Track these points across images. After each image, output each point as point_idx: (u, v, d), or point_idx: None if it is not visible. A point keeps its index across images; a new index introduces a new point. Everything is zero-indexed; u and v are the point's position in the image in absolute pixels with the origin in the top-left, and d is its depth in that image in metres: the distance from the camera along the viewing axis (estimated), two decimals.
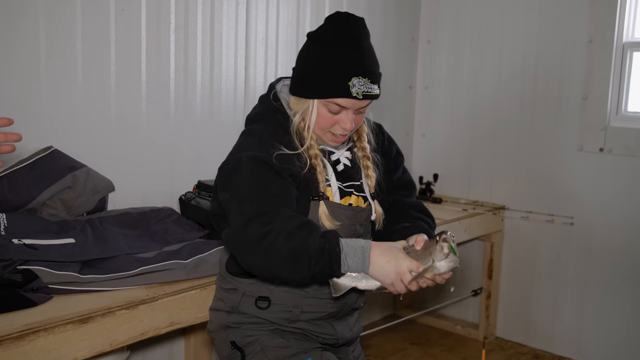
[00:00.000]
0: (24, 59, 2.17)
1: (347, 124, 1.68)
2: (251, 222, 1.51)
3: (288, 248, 1.48)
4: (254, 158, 1.61)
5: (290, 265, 1.49)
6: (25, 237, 1.92)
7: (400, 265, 1.50)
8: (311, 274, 1.49)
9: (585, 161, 3.34)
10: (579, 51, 3.32)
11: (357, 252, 1.50)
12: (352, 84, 1.63)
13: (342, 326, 1.83)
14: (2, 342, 1.50)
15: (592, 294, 3.37)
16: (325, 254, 1.48)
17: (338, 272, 1.50)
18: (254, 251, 1.51)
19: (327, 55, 1.66)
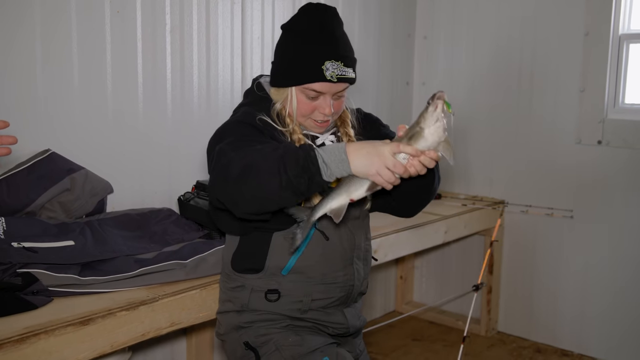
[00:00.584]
0: (20, 63, 2.17)
1: (325, 109, 1.70)
2: (232, 161, 1.52)
3: (263, 161, 1.47)
4: (239, 121, 1.70)
5: (267, 176, 1.45)
6: (25, 240, 1.92)
7: (380, 151, 1.45)
8: (289, 180, 1.44)
9: (583, 154, 3.35)
10: (576, 44, 3.32)
11: (332, 150, 1.47)
12: (326, 67, 1.67)
13: (352, 314, 1.84)
14: (3, 345, 1.50)
15: (593, 287, 3.37)
16: (301, 158, 1.46)
17: (317, 174, 1.46)
18: (228, 176, 1.51)
19: (301, 43, 1.71)
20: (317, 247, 1.74)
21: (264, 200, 1.50)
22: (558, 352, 3.47)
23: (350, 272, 1.78)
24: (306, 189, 1.47)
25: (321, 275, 1.75)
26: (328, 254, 1.75)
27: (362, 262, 1.84)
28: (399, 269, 4.06)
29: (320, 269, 1.74)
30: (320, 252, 1.74)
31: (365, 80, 3.63)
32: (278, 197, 1.48)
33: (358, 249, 1.81)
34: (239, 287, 1.79)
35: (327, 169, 1.46)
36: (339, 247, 1.76)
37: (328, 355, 1.70)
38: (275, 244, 1.73)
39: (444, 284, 3.99)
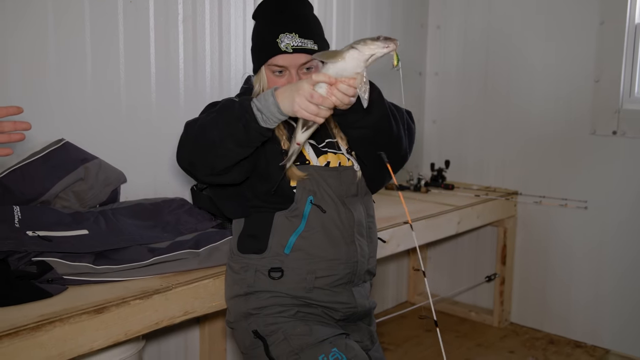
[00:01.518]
0: (33, 54, 2.18)
1: (292, 82, 1.72)
2: (187, 128, 1.68)
3: (207, 119, 1.60)
4: (211, 102, 1.82)
5: (209, 131, 1.57)
6: (40, 229, 1.93)
7: (299, 85, 1.49)
8: (228, 130, 1.53)
9: (598, 144, 3.32)
10: (591, 33, 3.28)
11: (264, 96, 1.52)
12: (280, 39, 1.72)
13: (360, 293, 1.85)
14: (19, 332, 1.52)
15: (607, 278, 3.35)
16: (236, 108, 1.54)
17: (253, 121, 1.51)
18: (183, 141, 1.67)
19: (260, 25, 1.80)
20: (316, 223, 1.76)
21: (212, 155, 1.59)
22: (571, 344, 3.45)
23: (353, 249, 1.80)
24: (245, 137, 1.54)
25: (323, 252, 1.76)
26: (328, 230, 1.76)
27: (366, 239, 1.85)
28: (411, 260, 4.06)
29: (322, 245, 1.76)
30: (319, 229, 1.76)
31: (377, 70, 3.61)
32: (223, 149, 1.57)
33: (359, 225, 1.82)
34: (244, 267, 1.81)
35: (262, 115, 1.51)
36: (338, 223, 1.77)
37: (337, 346, 1.71)
38: (277, 223, 1.77)
39: (456, 275, 3.98)
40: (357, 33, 3.38)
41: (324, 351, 1.68)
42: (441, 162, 3.83)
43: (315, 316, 1.78)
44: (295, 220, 1.75)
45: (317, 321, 1.78)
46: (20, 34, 2.13)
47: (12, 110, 1.47)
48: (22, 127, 1.49)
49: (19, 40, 2.13)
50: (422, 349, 3.39)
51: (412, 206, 3.17)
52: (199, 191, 2.45)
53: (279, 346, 1.72)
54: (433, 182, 3.70)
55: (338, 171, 1.80)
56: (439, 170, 3.75)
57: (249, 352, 1.80)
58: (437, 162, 3.85)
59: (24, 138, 1.50)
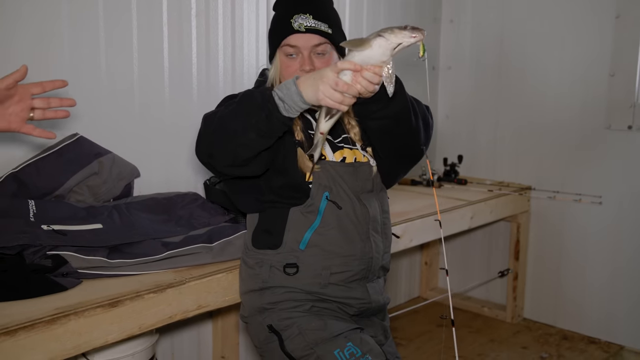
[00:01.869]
0: (48, 49, 2.18)
1: (305, 65, 1.73)
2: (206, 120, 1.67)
3: (228, 111, 1.59)
4: (228, 95, 1.82)
5: (231, 122, 1.56)
6: (54, 223, 1.94)
7: (322, 73, 1.47)
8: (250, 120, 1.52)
9: (613, 139, 3.29)
10: (607, 27, 3.25)
11: (286, 85, 1.51)
12: (294, 20, 1.73)
13: (374, 289, 1.84)
14: (35, 325, 1.53)
15: (622, 273, 3.32)
16: (258, 98, 1.53)
17: (275, 110, 1.50)
18: (202, 134, 1.65)
19: (277, 11, 1.83)
20: (332, 219, 1.75)
21: (233, 145, 1.57)
22: (585, 340, 3.44)
23: (369, 245, 1.79)
24: (267, 127, 1.52)
25: (338, 248, 1.76)
26: (343, 226, 1.76)
27: (381, 235, 1.84)
28: (423, 255, 4.05)
29: (337, 241, 1.76)
30: (335, 225, 1.75)
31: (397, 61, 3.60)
32: (245, 139, 1.55)
33: (374, 222, 1.81)
34: (258, 263, 1.81)
35: (284, 104, 1.50)
36: (354, 219, 1.77)
37: (352, 340, 1.71)
38: (293, 218, 1.76)
39: (469, 270, 3.96)
40: (369, 26, 3.37)
41: (339, 345, 1.68)
42: (454, 157, 3.82)
43: (330, 311, 1.78)
44: (310, 216, 1.75)
45: (331, 316, 1.77)
46: (34, 29, 2.14)
47: (58, 84, 1.47)
48: (68, 103, 1.50)
49: (33, 36, 2.14)
50: (434, 344, 3.38)
51: (425, 201, 3.15)
52: (212, 186, 2.46)
53: (293, 341, 1.72)
54: (446, 177, 3.69)
55: (354, 167, 1.79)
56: (451, 165, 3.73)
57: (264, 346, 1.80)
58: (450, 157, 3.84)
59: (69, 115, 1.50)
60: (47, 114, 1.47)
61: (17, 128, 1.45)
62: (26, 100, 1.44)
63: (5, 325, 1.49)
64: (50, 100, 1.47)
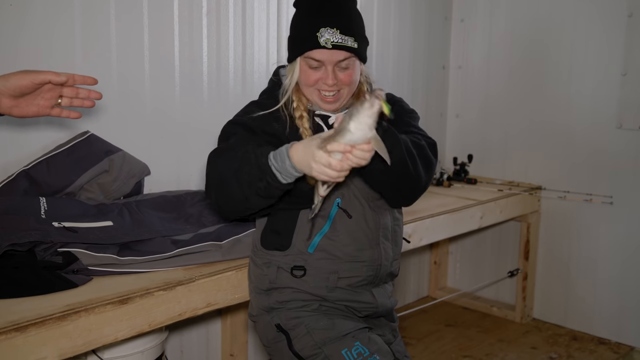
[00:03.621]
0: (60, 46, 2.20)
1: (327, 79, 1.69)
2: (212, 171, 1.64)
3: (229, 172, 1.56)
4: (233, 122, 1.75)
5: (233, 187, 1.54)
6: (65, 220, 1.95)
7: (314, 154, 1.40)
8: (250, 189, 1.51)
9: (624, 139, 3.27)
10: (619, 25, 3.23)
11: (280, 156, 1.48)
12: (320, 34, 1.66)
13: (380, 293, 1.83)
14: (45, 322, 1.54)
15: (632, 274, 3.30)
16: (255, 169, 1.50)
17: (274, 180, 1.48)
18: (213, 188, 1.62)
19: (302, 16, 1.74)
20: (341, 225, 1.74)
21: (237, 206, 1.60)
22: (595, 340, 3.42)
23: (378, 252, 1.78)
24: (268, 193, 1.52)
25: (347, 253, 1.75)
26: (353, 232, 1.75)
27: (391, 243, 1.83)
28: (433, 254, 4.04)
29: (346, 247, 1.74)
30: (344, 231, 1.74)
31: (401, 63, 3.60)
32: (247, 203, 1.57)
33: (384, 229, 1.80)
34: (267, 263, 1.80)
35: (281, 174, 1.48)
36: (364, 226, 1.75)
37: (360, 340, 1.70)
38: (302, 221, 1.74)
39: (478, 270, 3.95)
40: (380, 26, 3.37)
41: (347, 345, 1.68)
42: (464, 157, 3.80)
43: (338, 310, 1.78)
44: (320, 220, 1.73)
45: (339, 315, 1.77)
46: (47, 26, 2.15)
47: (89, 80, 1.53)
48: (95, 95, 1.56)
49: (46, 33, 2.15)
50: (443, 344, 3.38)
51: (434, 200, 3.15)
52: None
53: (301, 340, 1.72)
54: (456, 176, 3.68)
55: None
56: (461, 165, 3.72)
57: (272, 345, 1.80)
58: (460, 157, 3.83)
59: (94, 105, 1.57)
60: (75, 102, 1.54)
61: (46, 112, 1.52)
62: (56, 89, 1.51)
63: (16, 322, 1.50)
64: (79, 91, 1.53)
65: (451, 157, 3.87)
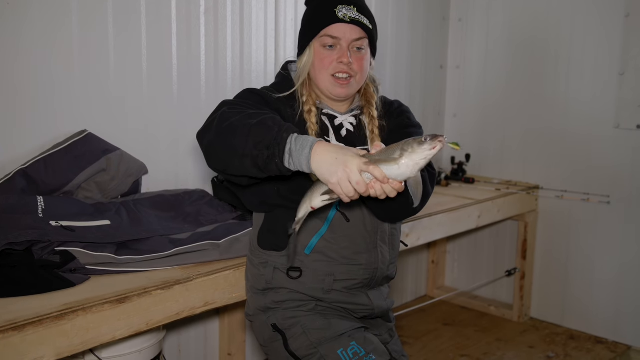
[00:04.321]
0: (57, 45, 2.19)
1: (344, 57, 1.70)
2: (222, 115, 1.55)
3: (241, 124, 1.48)
4: (251, 89, 1.74)
5: (237, 138, 1.46)
6: (63, 219, 1.95)
7: (348, 162, 1.37)
8: (252, 149, 1.43)
9: (622, 138, 3.27)
10: (616, 25, 3.23)
11: (302, 141, 1.42)
12: (338, 9, 1.69)
13: (376, 295, 1.84)
14: (43, 321, 1.54)
15: (630, 273, 3.31)
16: (271, 134, 1.43)
17: (279, 157, 1.42)
18: (211, 126, 1.55)
19: (316, 2, 1.76)
20: (340, 228, 1.74)
21: (229, 159, 1.50)
22: (592, 339, 3.42)
23: (375, 255, 1.78)
24: (264, 164, 1.44)
25: (344, 256, 1.75)
26: (351, 235, 1.75)
27: (388, 246, 1.83)
28: (430, 253, 4.04)
29: (343, 250, 1.74)
30: (342, 234, 1.74)
31: (399, 63, 3.60)
32: (239, 162, 1.48)
33: (382, 232, 1.80)
34: (263, 263, 1.80)
35: (290, 158, 1.42)
36: (362, 229, 1.75)
37: (355, 339, 1.70)
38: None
39: (476, 269, 3.96)
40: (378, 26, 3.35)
41: (342, 345, 1.68)
42: (462, 156, 3.81)
43: (334, 310, 1.78)
44: (318, 221, 1.73)
45: (335, 315, 1.77)
46: (44, 25, 2.15)
47: None
48: None
49: (43, 32, 2.15)
50: (441, 343, 3.38)
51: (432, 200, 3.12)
52: (220, 183, 2.46)
53: (297, 340, 1.72)
54: (453, 175, 3.68)
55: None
56: (459, 164, 3.73)
57: (268, 345, 1.80)
58: (458, 156, 3.83)
59: None
60: None
61: None
62: None
63: (13, 321, 1.50)
64: None
65: (449, 157, 3.87)
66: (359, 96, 1.85)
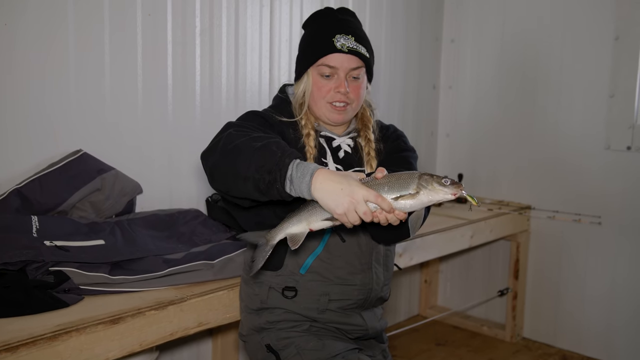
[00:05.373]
0: (54, 66, 2.20)
1: (341, 87, 1.72)
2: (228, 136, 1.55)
3: (246, 147, 1.48)
4: (255, 111, 1.77)
5: (241, 162, 1.46)
6: (57, 239, 1.95)
7: (355, 194, 1.38)
8: (254, 174, 1.44)
9: (612, 160, 3.31)
10: (606, 48, 3.28)
11: (303, 169, 1.42)
12: (336, 39, 1.71)
13: (370, 316, 1.84)
14: (36, 342, 1.53)
15: (621, 294, 3.32)
16: (274, 159, 1.43)
17: (280, 183, 1.42)
18: (216, 148, 1.55)
19: (315, 28, 1.78)
20: (335, 248, 1.75)
21: (232, 181, 1.50)
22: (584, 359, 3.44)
23: (369, 276, 1.79)
24: (265, 189, 1.44)
25: (339, 276, 1.76)
26: (346, 255, 1.76)
27: (383, 267, 1.84)
28: (423, 273, 4.05)
29: (338, 270, 1.75)
30: (338, 254, 1.75)
31: (392, 83, 3.63)
32: (242, 184, 1.48)
33: (377, 253, 1.82)
34: (258, 283, 1.80)
35: (291, 184, 1.43)
36: (357, 250, 1.77)
37: None
38: None
39: (468, 289, 3.97)
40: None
41: None
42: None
43: (328, 331, 1.78)
44: (313, 241, 1.74)
45: (330, 336, 1.78)
46: (41, 44, 2.16)
47: None
48: None
49: (39, 52, 2.16)
50: None
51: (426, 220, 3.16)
52: (214, 203, 2.47)
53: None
54: None
55: None
56: None
57: None
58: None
59: None
60: None
61: None
62: None
63: (6, 342, 1.49)
64: None
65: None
66: (356, 119, 1.88)
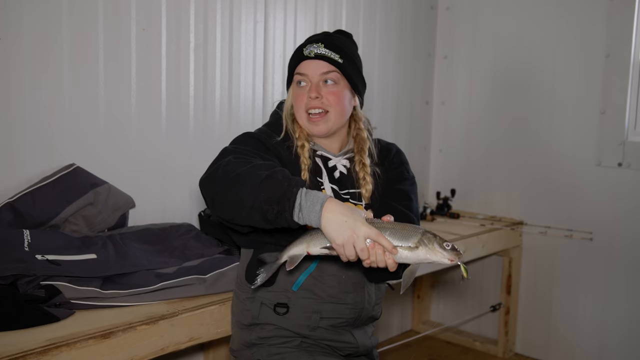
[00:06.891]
0: (48, 79, 2.21)
1: (312, 91, 1.74)
2: (228, 164, 1.56)
3: (250, 176, 1.49)
4: (251, 134, 1.78)
5: (246, 192, 1.47)
6: (49, 253, 1.94)
7: (356, 228, 1.43)
8: (262, 204, 1.45)
9: (603, 176, 3.33)
10: (597, 65, 3.31)
11: (313, 198, 1.45)
12: (306, 48, 1.76)
13: (360, 334, 1.84)
14: (27, 357, 1.52)
15: (613, 309, 3.33)
16: (281, 189, 1.45)
17: (288, 212, 1.44)
18: (217, 175, 1.55)
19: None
20: (328, 266, 1.76)
21: (236, 211, 1.51)
22: None
23: (361, 295, 1.80)
24: (274, 219, 1.46)
25: (331, 294, 1.76)
26: (339, 274, 1.76)
27: (375, 287, 1.85)
28: (416, 288, 4.05)
29: (330, 288, 1.76)
30: (330, 272, 1.76)
31: (386, 98, 3.65)
32: (247, 214, 1.49)
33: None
34: (250, 299, 1.80)
35: (300, 213, 1.45)
36: (350, 269, 1.77)
37: None
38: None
39: (461, 304, 3.97)
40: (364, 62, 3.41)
41: None
42: (447, 191, 3.85)
43: (319, 347, 1.78)
44: (307, 260, 1.71)
45: (320, 352, 1.77)
46: (35, 58, 2.17)
47: None
48: None
49: (34, 66, 2.17)
50: None
51: None
52: (207, 217, 2.47)
53: None
54: (439, 210, 3.71)
55: None
56: (444, 199, 3.76)
57: None
58: (443, 191, 3.87)
59: None
60: None
61: None
62: None
63: None
64: None
65: (434, 192, 3.91)
66: (353, 140, 1.87)
